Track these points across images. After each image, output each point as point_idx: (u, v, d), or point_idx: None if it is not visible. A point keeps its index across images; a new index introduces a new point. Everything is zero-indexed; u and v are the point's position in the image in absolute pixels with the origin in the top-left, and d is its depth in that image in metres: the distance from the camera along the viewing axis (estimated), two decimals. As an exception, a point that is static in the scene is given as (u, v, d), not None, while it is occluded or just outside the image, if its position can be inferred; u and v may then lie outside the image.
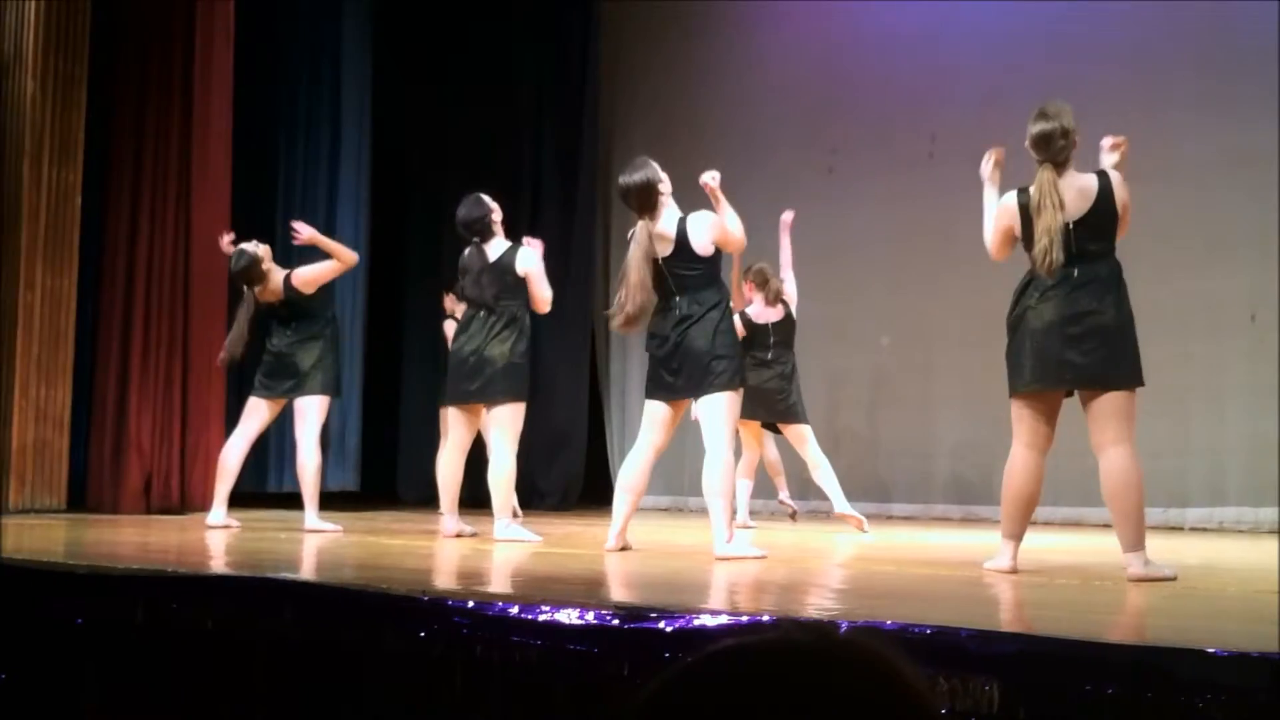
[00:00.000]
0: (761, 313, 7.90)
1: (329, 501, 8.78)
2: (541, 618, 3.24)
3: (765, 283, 7.85)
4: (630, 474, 5.71)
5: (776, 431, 8.00)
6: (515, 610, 3.30)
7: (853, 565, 5.78)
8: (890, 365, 9.44)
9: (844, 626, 2.99)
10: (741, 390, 5.61)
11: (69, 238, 8.03)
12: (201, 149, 8.46)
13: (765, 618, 3.17)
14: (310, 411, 7.06)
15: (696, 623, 3.10)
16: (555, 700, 3.15)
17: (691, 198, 5.77)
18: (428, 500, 9.58)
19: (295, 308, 7.11)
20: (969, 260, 7.95)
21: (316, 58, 9.79)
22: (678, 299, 5.53)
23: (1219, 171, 8.30)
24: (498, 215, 6.74)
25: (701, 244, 5.57)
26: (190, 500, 8.22)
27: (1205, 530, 8.19)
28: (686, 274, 5.55)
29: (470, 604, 3.39)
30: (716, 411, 5.44)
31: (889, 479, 8.28)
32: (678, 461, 9.52)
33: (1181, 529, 8.18)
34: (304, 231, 7.18)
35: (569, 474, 10.07)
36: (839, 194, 9.64)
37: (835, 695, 0.96)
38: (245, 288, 7.17)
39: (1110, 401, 4.64)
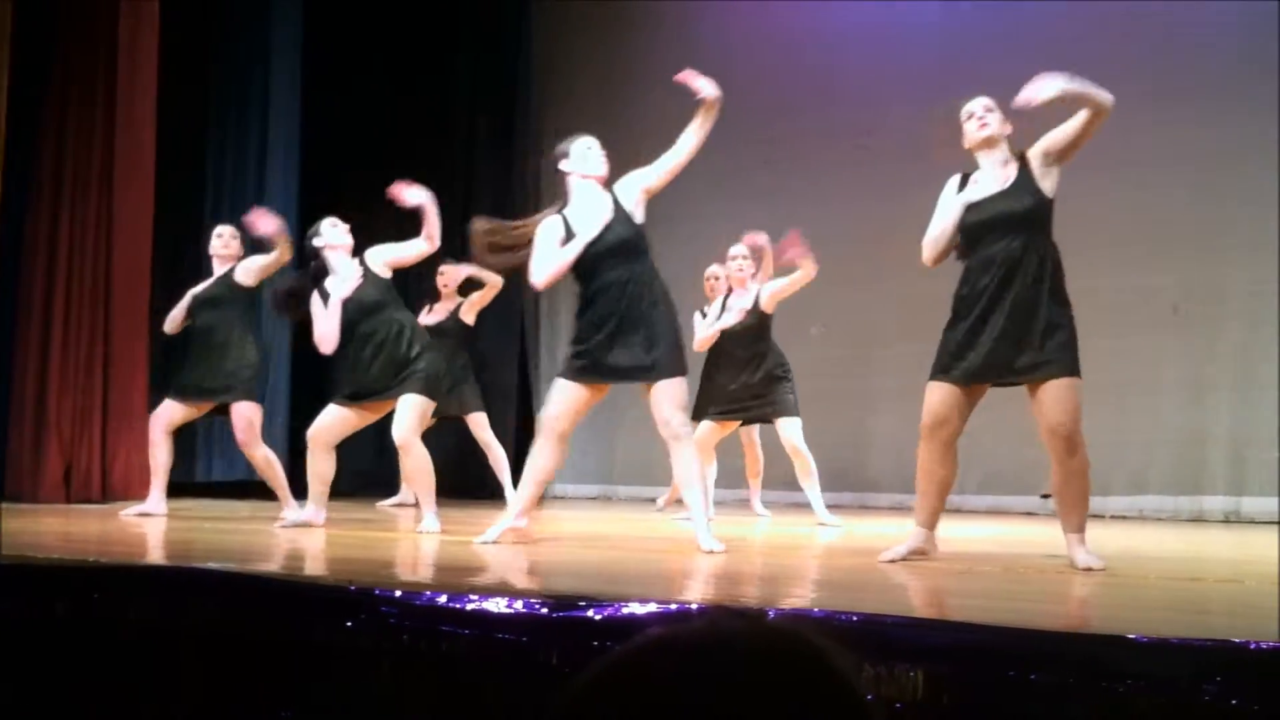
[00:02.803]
0: None
1: (257, 493, 8.71)
2: (470, 607, 3.23)
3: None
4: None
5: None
6: (444, 599, 3.29)
7: (780, 555, 5.81)
8: (824, 357, 9.47)
9: (772, 614, 3.00)
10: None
11: (-11, 228, 7.91)
12: (126, 141, 8.35)
13: (694, 606, 3.18)
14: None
15: (625, 611, 3.10)
16: (484, 689, 3.14)
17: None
18: (356, 490, 9.53)
19: None
20: (904, 254, 8.00)
21: (245, 53, 9.70)
22: None
23: (1159, 168, 8.42)
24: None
25: None
26: (111, 490, 8.11)
27: (1126, 518, 8.31)
28: None
29: (398, 593, 3.37)
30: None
31: (823, 470, 8.30)
32: (609, 451, 9.54)
33: (1103, 517, 8.30)
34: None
35: (477, 470, 10.02)
36: (775, 187, 9.67)
37: (766, 682, 0.96)
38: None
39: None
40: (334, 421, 6.43)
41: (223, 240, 7.38)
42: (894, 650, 2.75)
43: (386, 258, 6.61)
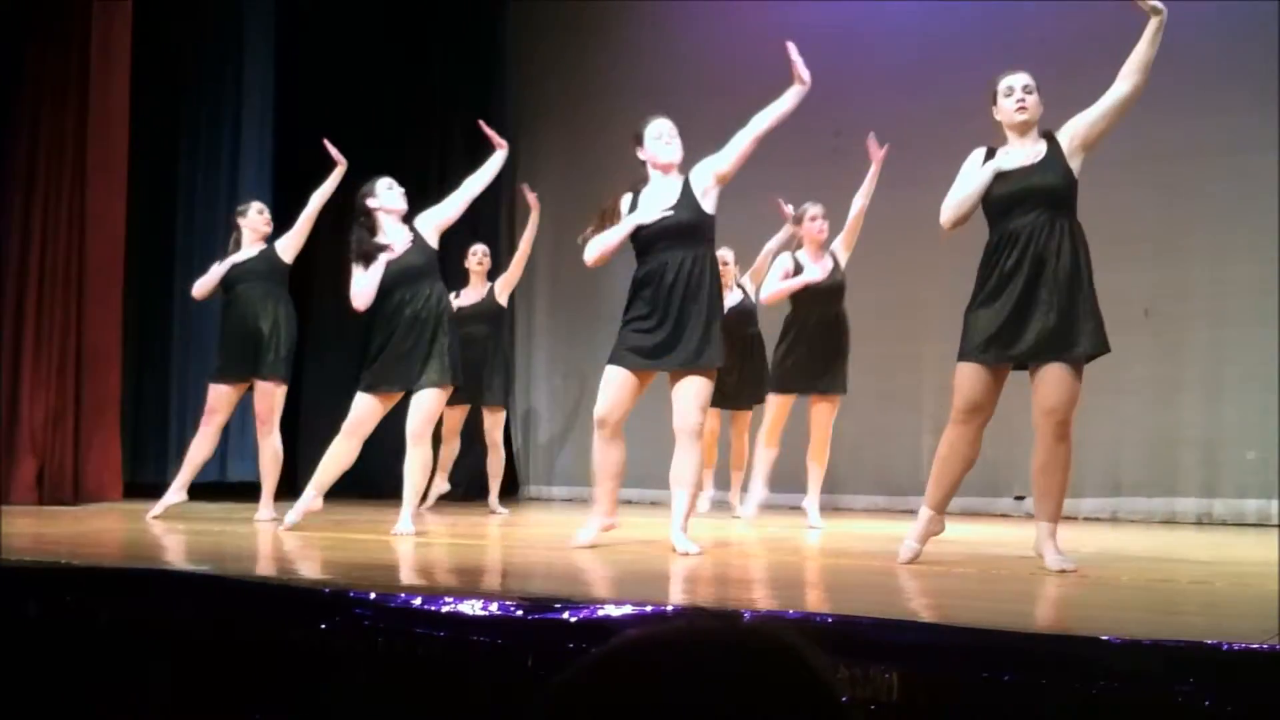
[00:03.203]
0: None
1: (224, 494, 8.68)
2: (445, 609, 3.22)
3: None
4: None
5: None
6: (418, 602, 3.28)
7: (755, 555, 5.81)
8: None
9: (747, 616, 3.01)
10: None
11: (-40, 226, 7.87)
12: (98, 138, 8.31)
13: (669, 608, 3.18)
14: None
15: (601, 613, 3.09)
16: (459, 692, 3.14)
17: (603, 188, 5.74)
18: (330, 491, 9.49)
19: None
20: (874, 252, 8.04)
21: (218, 50, 9.65)
22: None
23: (1124, 167, 8.45)
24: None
25: None
26: (84, 491, 8.06)
27: (1099, 520, 8.35)
28: None
29: (373, 595, 3.36)
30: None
31: (792, 470, 8.30)
32: (585, 453, 9.50)
33: (1076, 518, 8.33)
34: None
35: (473, 465, 10.00)
36: (745, 185, 9.65)
37: (742, 684, 0.96)
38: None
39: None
40: (368, 414, 6.31)
41: (264, 216, 7.58)
42: (869, 651, 2.76)
43: (437, 220, 6.47)
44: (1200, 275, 8.37)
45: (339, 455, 6.29)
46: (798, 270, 7.21)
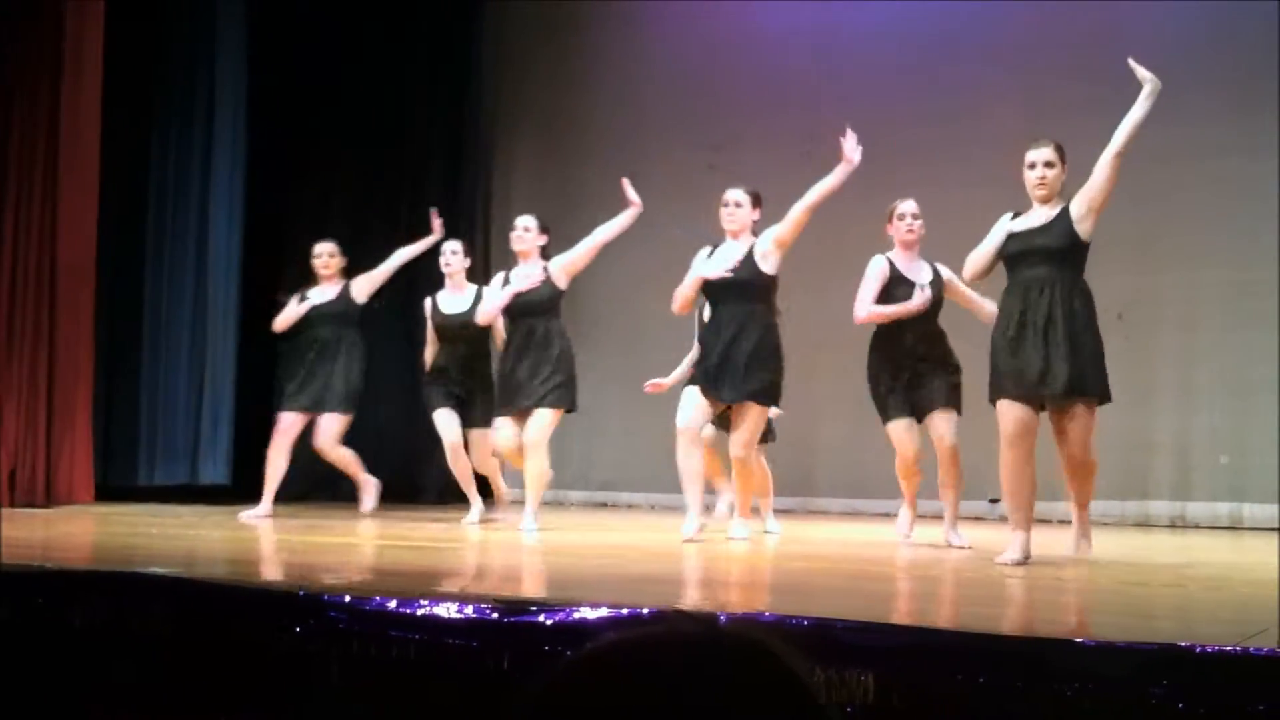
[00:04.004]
0: None
1: (196, 497, 8.64)
2: (420, 612, 3.21)
3: None
4: None
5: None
6: (393, 605, 3.27)
7: (730, 559, 5.82)
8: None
9: (723, 619, 3.00)
10: None
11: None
12: (70, 141, 8.25)
13: (646, 610, 3.18)
14: None
15: (577, 616, 3.09)
16: (434, 695, 3.13)
17: (578, 191, 5.75)
18: (301, 495, 9.46)
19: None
20: (848, 260, 8.05)
21: (190, 53, 9.60)
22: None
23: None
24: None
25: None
26: (55, 493, 8.00)
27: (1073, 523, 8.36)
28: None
29: (347, 598, 3.35)
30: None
31: (771, 474, 8.31)
32: (563, 457, 9.48)
33: (1050, 521, 8.36)
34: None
35: (448, 470, 9.98)
36: (720, 191, 9.68)
37: (721, 686, 0.96)
38: None
39: None
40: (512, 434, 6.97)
41: (323, 260, 7.98)
42: (845, 654, 2.76)
43: (565, 263, 7.07)
44: (1172, 279, 8.42)
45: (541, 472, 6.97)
46: (894, 278, 6.20)
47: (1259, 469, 7.89)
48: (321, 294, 7.95)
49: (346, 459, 7.86)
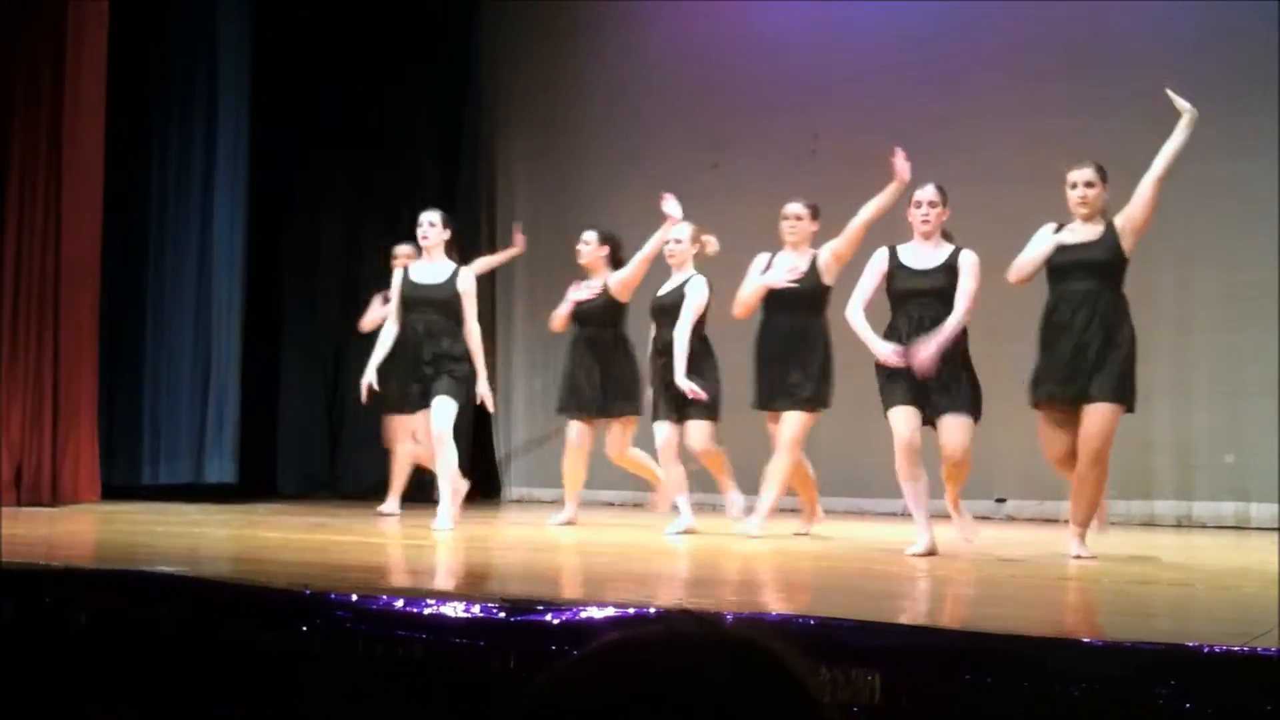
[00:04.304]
0: None
1: (205, 495, 8.64)
2: (426, 611, 3.21)
3: None
4: None
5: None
6: (400, 604, 3.27)
7: (736, 558, 5.81)
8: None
9: (729, 618, 3.00)
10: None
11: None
12: (73, 141, 8.24)
13: (651, 610, 3.17)
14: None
15: (582, 615, 3.09)
16: (440, 695, 3.12)
17: (577, 191, 5.75)
18: (308, 493, 9.47)
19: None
20: (853, 258, 8.05)
21: (192, 52, 9.59)
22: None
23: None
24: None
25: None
26: (61, 492, 8.01)
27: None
28: None
29: (354, 598, 3.35)
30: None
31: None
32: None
33: (1056, 521, 8.35)
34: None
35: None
36: (722, 190, 9.68)
37: (723, 687, 0.96)
38: None
39: None
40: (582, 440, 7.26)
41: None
42: (850, 654, 2.76)
43: (623, 276, 7.23)
44: (1169, 280, 8.39)
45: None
46: (895, 269, 6.11)
47: (1262, 469, 7.89)
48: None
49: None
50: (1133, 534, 7.58)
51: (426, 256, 7.19)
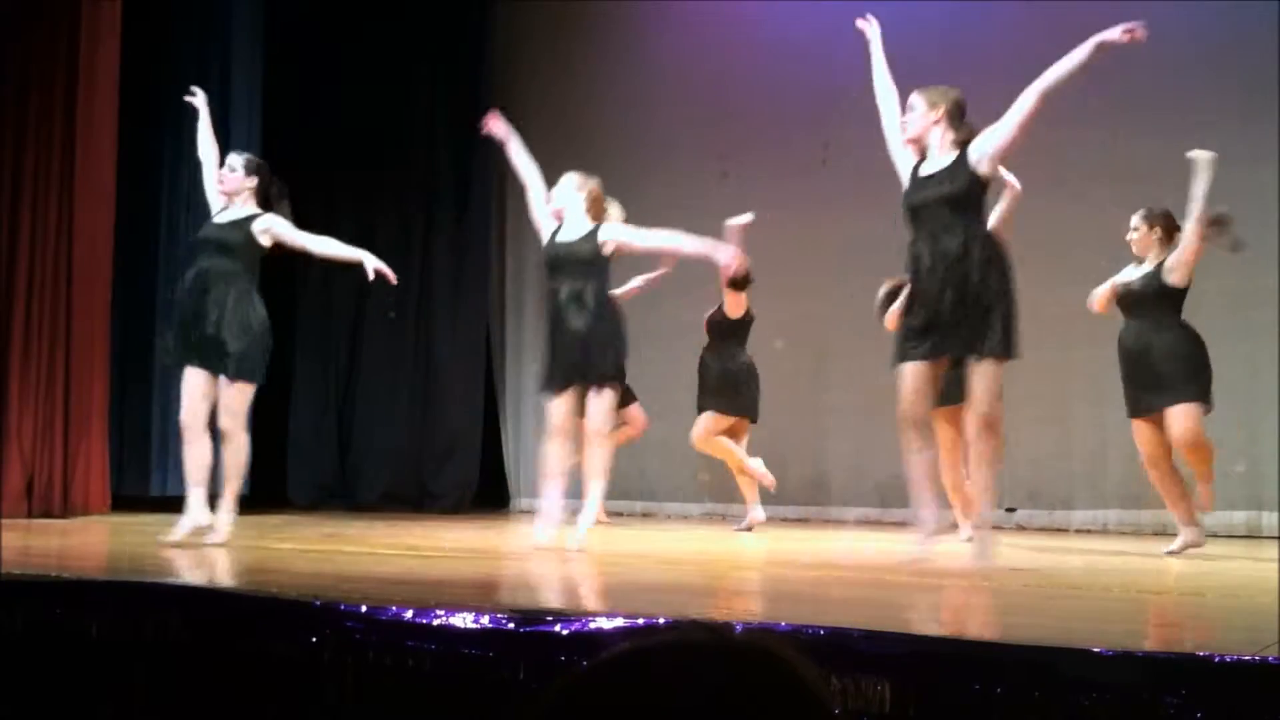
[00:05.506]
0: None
1: (216, 505, 8.62)
2: (436, 622, 3.21)
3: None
4: None
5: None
6: (409, 614, 3.27)
7: (745, 568, 5.81)
8: (783, 370, 9.50)
9: (739, 628, 3.00)
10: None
11: (-54, 235, 7.83)
12: (86, 146, 8.28)
13: (661, 620, 3.17)
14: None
15: (593, 626, 3.09)
16: (450, 705, 3.13)
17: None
18: (319, 503, 9.47)
19: None
20: (862, 267, 8.06)
21: (204, 54, 9.62)
22: None
23: (1102, 183, 8.47)
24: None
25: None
26: (72, 503, 8.02)
27: (1090, 532, 8.35)
28: None
29: (363, 608, 3.35)
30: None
31: (781, 482, 8.31)
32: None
33: (1067, 530, 8.33)
34: None
35: (462, 477, 9.99)
36: (732, 199, 9.68)
37: (733, 697, 0.96)
38: None
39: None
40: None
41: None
42: (861, 663, 2.75)
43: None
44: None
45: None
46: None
47: (1274, 477, 7.86)
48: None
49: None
50: (1145, 543, 7.56)
51: (226, 200, 6.51)
